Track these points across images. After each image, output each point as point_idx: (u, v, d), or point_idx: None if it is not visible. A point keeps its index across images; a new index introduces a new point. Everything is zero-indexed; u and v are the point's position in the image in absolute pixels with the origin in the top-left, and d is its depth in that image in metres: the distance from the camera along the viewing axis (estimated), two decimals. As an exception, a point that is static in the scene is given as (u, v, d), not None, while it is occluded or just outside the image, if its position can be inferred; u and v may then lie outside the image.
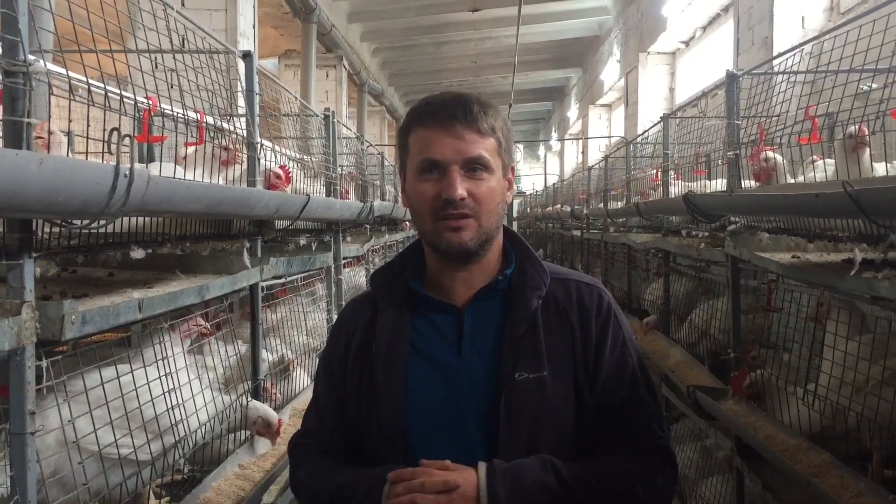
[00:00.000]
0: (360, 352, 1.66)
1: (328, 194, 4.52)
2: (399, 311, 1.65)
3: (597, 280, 1.77)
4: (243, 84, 3.15)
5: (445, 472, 1.46)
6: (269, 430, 3.04)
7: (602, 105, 19.45)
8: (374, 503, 1.49)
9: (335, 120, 4.74)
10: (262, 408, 3.09)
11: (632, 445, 1.58)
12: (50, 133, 1.81)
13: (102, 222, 1.81)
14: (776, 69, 3.46)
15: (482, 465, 1.47)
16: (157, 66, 2.33)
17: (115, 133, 1.76)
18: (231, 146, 3.00)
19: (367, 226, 6.40)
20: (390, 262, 1.78)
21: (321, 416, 1.74)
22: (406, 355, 1.60)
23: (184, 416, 2.54)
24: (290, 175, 3.57)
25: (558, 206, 13.99)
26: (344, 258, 5.14)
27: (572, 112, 23.93)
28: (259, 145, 3.17)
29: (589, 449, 1.58)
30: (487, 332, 1.61)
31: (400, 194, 1.77)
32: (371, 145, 7.31)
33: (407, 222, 8.69)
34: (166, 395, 2.44)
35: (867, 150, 2.92)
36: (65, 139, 2.56)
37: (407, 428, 1.56)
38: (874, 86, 2.84)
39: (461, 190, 1.52)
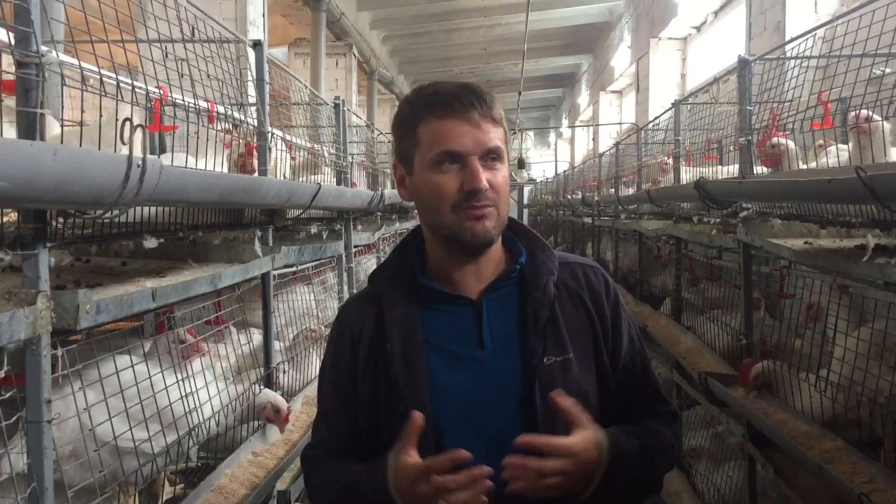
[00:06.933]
0: (371, 353, 1.59)
1: (339, 183, 4.52)
2: (407, 307, 1.59)
3: (595, 262, 1.80)
4: (253, 73, 3.15)
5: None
6: (277, 416, 3.06)
7: (613, 91, 19.32)
8: None
9: (345, 108, 4.73)
10: (272, 394, 3.11)
11: (654, 413, 1.68)
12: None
13: (116, 212, 1.82)
14: (789, 54, 3.43)
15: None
16: (167, 56, 2.33)
17: (127, 123, 1.77)
18: (232, 130, 2.98)
19: (378, 214, 6.41)
20: (387, 259, 1.72)
21: (332, 426, 1.67)
22: (424, 352, 1.55)
23: (197, 405, 2.56)
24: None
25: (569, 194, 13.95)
26: (355, 246, 5.15)
27: (583, 99, 23.80)
28: (270, 134, 3.18)
29: (610, 424, 1.59)
30: (506, 321, 1.58)
31: (398, 187, 1.72)
32: (381, 133, 7.30)
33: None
34: (179, 383, 2.46)
35: (878, 133, 2.89)
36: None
37: (437, 425, 1.51)
38: (888, 70, 2.81)
39: (485, 181, 1.50)
